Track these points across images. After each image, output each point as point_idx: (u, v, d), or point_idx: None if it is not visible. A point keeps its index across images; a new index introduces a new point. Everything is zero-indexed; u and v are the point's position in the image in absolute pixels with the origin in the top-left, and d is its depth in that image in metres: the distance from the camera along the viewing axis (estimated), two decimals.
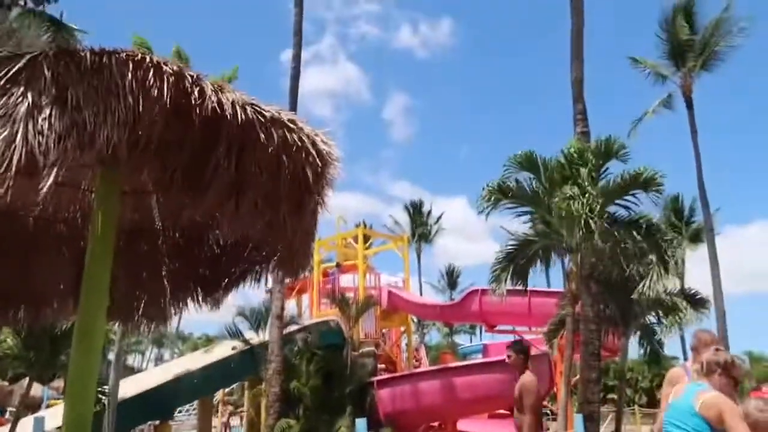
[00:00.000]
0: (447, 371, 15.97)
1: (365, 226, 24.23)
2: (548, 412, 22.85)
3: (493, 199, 11.49)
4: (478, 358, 23.53)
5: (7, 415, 21.93)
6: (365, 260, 21.09)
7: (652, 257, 11.83)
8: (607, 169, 11.88)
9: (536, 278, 12.94)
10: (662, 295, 13.15)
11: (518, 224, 12.66)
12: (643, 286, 12.22)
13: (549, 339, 13.35)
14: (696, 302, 13.59)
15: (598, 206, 10.84)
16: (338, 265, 21.62)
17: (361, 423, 8.32)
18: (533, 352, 16.03)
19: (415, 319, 36.45)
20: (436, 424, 16.66)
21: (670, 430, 3.85)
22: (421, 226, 50.95)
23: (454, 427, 16.10)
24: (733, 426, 3.63)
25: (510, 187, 11.58)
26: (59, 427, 10.27)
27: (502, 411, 17.05)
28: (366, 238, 22.07)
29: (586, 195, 10.89)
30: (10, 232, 5.11)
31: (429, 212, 52.05)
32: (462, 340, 55.66)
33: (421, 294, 36.92)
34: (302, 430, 13.44)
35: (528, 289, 12.75)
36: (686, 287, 14.08)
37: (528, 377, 6.17)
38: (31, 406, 18.74)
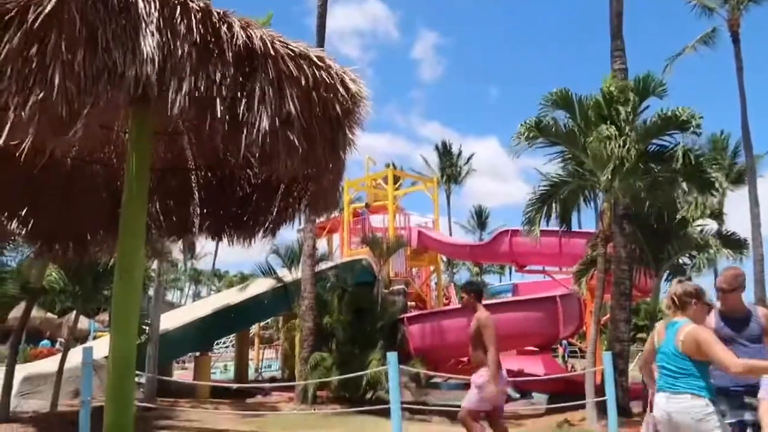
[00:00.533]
0: None
1: (394, 167, 24.10)
2: (577, 350, 23.16)
3: (528, 136, 11.23)
4: (508, 297, 23.77)
5: (57, 346, 23.30)
6: (395, 201, 21.15)
7: (689, 195, 11.58)
8: (647, 107, 11.47)
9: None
10: (697, 235, 12.93)
11: (550, 167, 12.46)
12: (678, 224, 12.01)
13: (578, 278, 13.34)
14: (732, 244, 13.31)
15: (635, 146, 10.54)
16: (367, 205, 21.71)
17: (392, 356, 8.54)
18: (563, 291, 16.15)
19: (445, 259, 36.76)
20: (465, 359, 17.07)
21: (664, 374, 3.86)
22: (450, 167, 50.54)
23: None
24: (710, 353, 3.63)
25: (546, 124, 11.29)
26: (106, 357, 10.84)
27: (531, 348, 17.35)
28: (395, 179, 22.04)
29: (623, 134, 10.57)
30: (51, 173, 5.24)
31: (459, 153, 51.53)
32: (491, 279, 56.20)
33: (450, 235, 37.08)
34: (335, 362, 13.95)
35: (560, 229, 12.66)
36: (724, 228, 13.78)
37: (482, 313, 6.31)
38: (78, 337, 19.79)
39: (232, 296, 18.31)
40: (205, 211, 5.87)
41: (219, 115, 3.58)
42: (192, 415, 10.96)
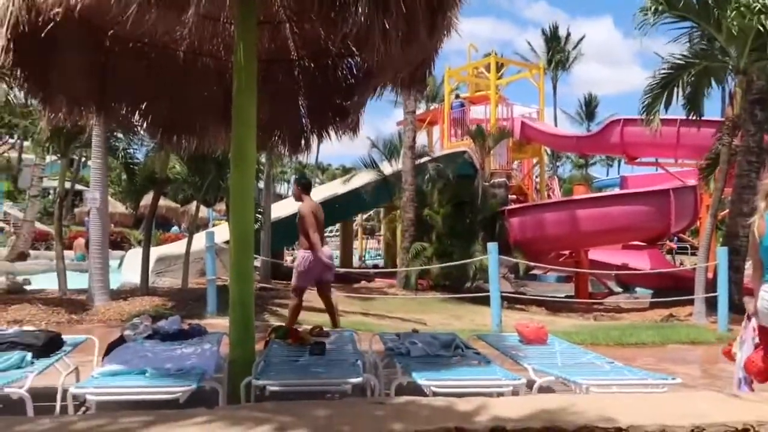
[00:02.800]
0: (580, 202, 15.76)
1: (497, 54, 22.88)
2: (687, 246, 22.12)
3: (655, 10, 10.08)
4: (614, 191, 22.81)
5: (181, 231, 25.73)
6: (497, 90, 20.34)
7: None
8: None
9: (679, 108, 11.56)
10: None
11: (673, 47, 11.24)
12: None
13: (705, 175, 12.36)
14: None
15: None
16: (457, 96, 21.06)
17: (492, 246, 8.66)
18: (679, 184, 15.21)
19: (549, 152, 35.47)
20: (566, 252, 16.92)
21: None
22: (557, 53, 47.27)
23: (585, 256, 16.27)
24: None
25: None
26: (226, 241, 11.77)
27: (637, 243, 16.81)
28: (498, 67, 21.04)
29: None
30: (165, 66, 5.53)
31: (567, 37, 47.82)
32: (597, 172, 53.85)
33: (556, 125, 35.48)
34: (435, 252, 14.35)
35: (682, 117, 11.67)
36: None
37: (302, 205, 6.68)
38: (199, 225, 21.61)
39: (336, 188, 18.99)
40: (311, 103, 6.01)
41: (318, 4, 3.54)
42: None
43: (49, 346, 4.19)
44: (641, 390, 3.52)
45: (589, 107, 52.23)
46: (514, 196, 19.11)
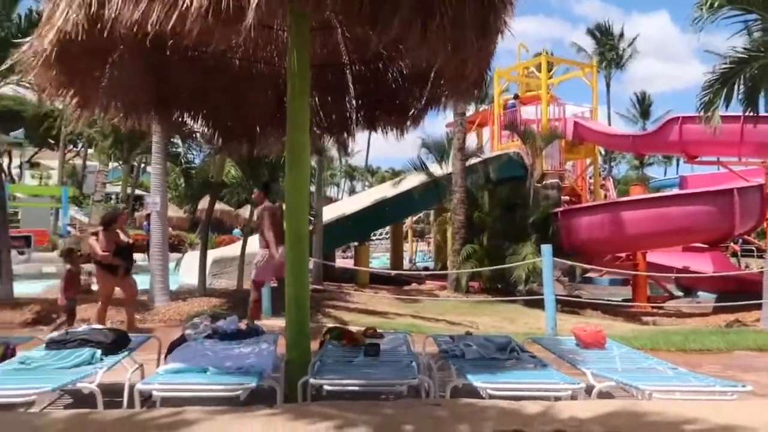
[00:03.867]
0: (636, 203, 15.27)
1: (548, 53, 22.45)
2: (754, 248, 21.09)
3: (711, 5, 9.69)
4: (673, 191, 21.99)
5: (233, 235, 26.36)
6: (548, 90, 19.97)
7: None
8: None
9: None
10: None
11: (736, 40, 10.72)
12: None
13: None
14: None
15: None
16: (516, 96, 20.75)
17: (546, 248, 8.49)
18: (743, 184, 14.53)
19: (602, 152, 34.54)
20: (623, 255, 16.43)
21: None
22: (610, 50, 45.93)
23: (643, 258, 15.75)
24: None
25: None
26: None
27: (699, 245, 16.15)
28: (549, 66, 20.66)
29: None
30: (221, 73, 5.70)
31: (620, 34, 46.42)
32: (654, 172, 52.08)
33: (609, 125, 34.54)
34: (487, 254, 14.20)
35: (744, 114, 11.14)
36: None
37: (263, 208, 7.29)
38: (253, 228, 22.09)
39: (386, 190, 19.08)
40: (359, 103, 6.07)
41: (368, 7, 3.57)
42: (355, 298, 12.00)
43: (116, 343, 4.38)
44: (708, 397, 3.38)
45: (644, 105, 50.58)
46: (567, 198, 18.71)
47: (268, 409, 2.68)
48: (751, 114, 10.82)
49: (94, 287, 11.50)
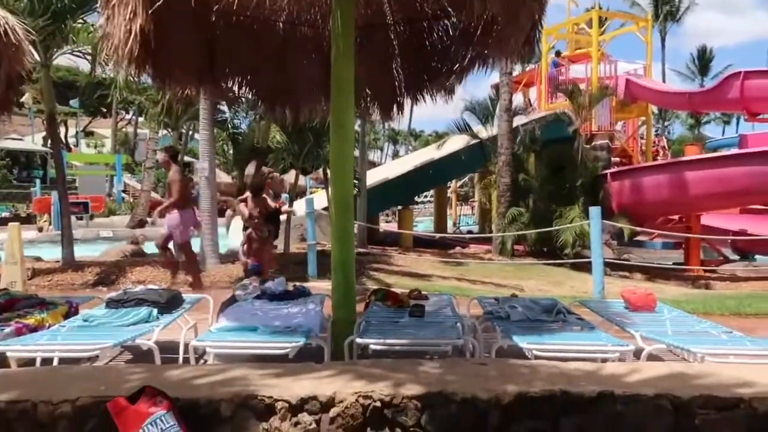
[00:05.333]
0: (691, 163, 14.67)
1: (600, 7, 21.43)
2: None
3: None
4: (732, 151, 21.02)
5: (281, 199, 26.77)
6: (599, 47, 19.16)
7: None
8: None
9: None
10: None
11: None
12: None
13: None
14: None
15: None
16: (558, 53, 20.02)
17: (595, 210, 8.30)
18: None
19: (656, 111, 33.16)
20: (675, 217, 15.90)
21: None
22: (666, 3, 43.63)
23: (697, 221, 15.20)
24: None
25: None
26: (324, 208, 12.09)
27: (757, 206, 15.45)
28: (601, 22, 19.77)
29: None
30: (266, 38, 5.70)
31: None
32: (712, 132, 49.81)
33: (664, 82, 33.02)
34: (532, 217, 13.99)
35: None
36: None
37: (171, 173, 7.34)
38: (297, 193, 22.41)
39: (430, 153, 18.93)
40: (406, 71, 5.98)
41: None
42: (399, 261, 12.08)
43: (171, 303, 4.57)
44: (764, 361, 3.29)
45: (703, 61, 48.12)
46: (618, 159, 18.14)
47: (318, 367, 2.75)
48: None
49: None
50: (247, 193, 7.71)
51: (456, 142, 17.23)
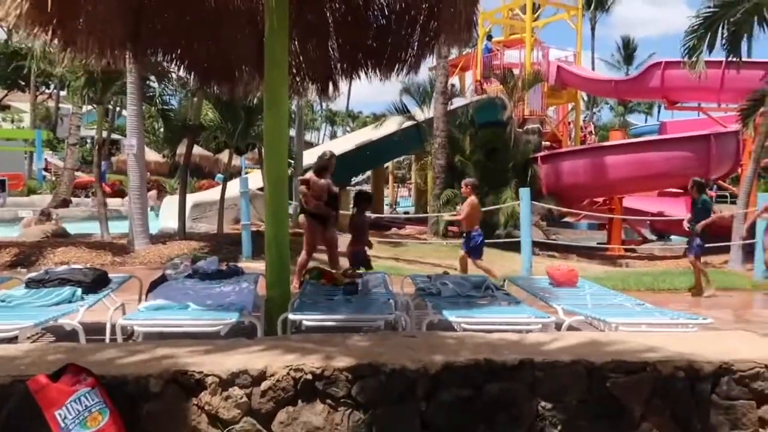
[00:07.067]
0: (614, 148, 15.40)
1: None
2: (727, 194, 21.55)
3: None
4: (651, 137, 22.17)
5: (215, 180, 26.16)
6: (533, 33, 19.67)
7: None
8: None
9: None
10: None
11: None
12: None
13: (744, 117, 11.91)
14: None
15: None
16: (489, 37, 20.41)
17: (525, 192, 8.62)
18: (720, 130, 14.68)
19: (586, 98, 34.43)
20: (600, 200, 16.69)
21: None
22: None
23: (619, 203, 16.02)
24: None
25: None
26: (260, 188, 11.89)
27: (673, 189, 16.44)
28: (535, 8, 20.28)
29: None
30: (198, 10, 5.50)
31: None
32: (636, 119, 52.20)
33: (593, 70, 34.27)
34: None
35: (724, 60, 11.16)
36: None
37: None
38: (232, 173, 21.93)
39: (367, 134, 18.93)
40: (341, 48, 5.94)
41: None
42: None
43: (97, 283, 4.42)
44: (671, 330, 3.56)
45: (627, 50, 50.21)
46: (549, 143, 18.77)
47: (250, 342, 2.76)
48: (733, 60, 10.85)
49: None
50: (309, 174, 6.86)
51: (393, 124, 17.31)
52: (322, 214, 6.62)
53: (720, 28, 10.42)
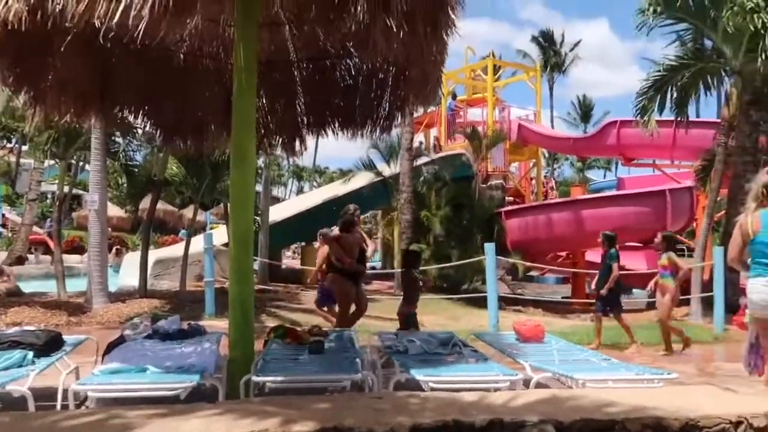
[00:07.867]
0: (576, 203, 15.84)
1: (494, 56, 23.02)
2: (685, 247, 22.19)
3: (654, 11, 10.18)
4: (611, 192, 22.89)
5: (179, 236, 25.71)
6: (494, 93, 20.43)
7: None
8: None
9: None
10: None
11: (671, 50, 11.34)
12: None
13: (701, 176, 12.44)
14: None
15: None
16: (454, 97, 21.11)
17: (489, 247, 8.72)
18: (675, 185, 15.27)
19: (546, 154, 35.52)
20: (563, 253, 16.99)
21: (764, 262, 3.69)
22: (553, 56, 47.45)
23: (582, 257, 16.33)
24: None
25: None
26: (224, 244, 11.72)
27: (633, 243, 16.88)
28: (495, 69, 21.14)
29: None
30: (165, 68, 5.57)
31: (561, 40, 48.07)
32: (595, 175, 54.01)
33: (552, 128, 35.58)
34: (433, 254, 14.41)
35: (676, 119, 11.75)
36: None
37: None
38: (196, 229, 21.64)
39: (335, 190, 19.04)
40: (309, 104, 6.04)
41: (317, 7, 3.57)
42: (301, 298, 11.91)
43: (49, 345, 4.22)
44: (637, 385, 3.56)
45: (584, 109, 52.46)
46: (512, 198, 19.17)
47: (210, 406, 2.65)
48: (681, 120, 11.44)
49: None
50: (336, 232, 6.71)
51: (361, 179, 17.48)
52: (354, 271, 6.48)
53: (669, 90, 11.01)
